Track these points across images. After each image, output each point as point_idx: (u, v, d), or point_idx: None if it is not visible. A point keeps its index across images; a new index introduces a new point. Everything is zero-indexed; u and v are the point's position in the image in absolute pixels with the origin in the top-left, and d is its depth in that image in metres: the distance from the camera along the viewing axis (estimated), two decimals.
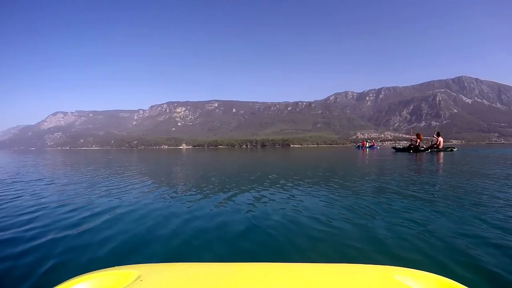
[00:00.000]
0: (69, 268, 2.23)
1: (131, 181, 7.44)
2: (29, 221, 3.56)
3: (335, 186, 6.00)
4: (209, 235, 2.95)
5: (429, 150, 24.57)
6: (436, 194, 5.02)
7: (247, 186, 6.24)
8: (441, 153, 21.35)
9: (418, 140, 26.14)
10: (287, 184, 6.38)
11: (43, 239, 2.85)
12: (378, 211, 3.78)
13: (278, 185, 6.23)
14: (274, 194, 5.17)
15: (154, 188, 6.11)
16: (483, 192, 5.04)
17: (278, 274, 1.02)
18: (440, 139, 25.07)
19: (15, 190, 6.08)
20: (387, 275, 1.01)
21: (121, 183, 6.96)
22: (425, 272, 1.03)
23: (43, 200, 4.97)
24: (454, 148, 25.22)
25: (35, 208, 4.27)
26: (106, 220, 3.53)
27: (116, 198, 5.00)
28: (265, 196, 4.99)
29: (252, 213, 3.78)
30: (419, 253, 2.37)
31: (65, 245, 2.68)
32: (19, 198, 5.18)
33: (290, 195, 5.11)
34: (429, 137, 32.75)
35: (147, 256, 2.45)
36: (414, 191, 5.22)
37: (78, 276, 0.99)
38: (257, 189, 5.81)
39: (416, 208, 3.93)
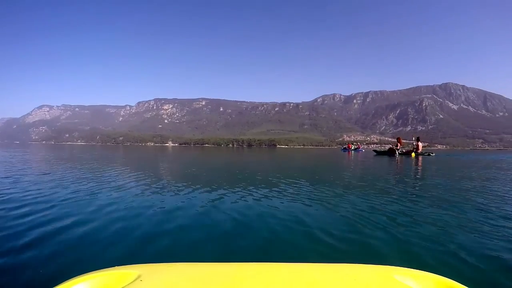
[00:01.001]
0: (68, 268, 2.14)
1: (124, 181, 7.15)
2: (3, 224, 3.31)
3: (325, 186, 6.18)
4: (207, 235, 2.89)
5: (411, 155, 25.00)
6: (424, 193, 5.18)
7: (240, 185, 6.27)
8: (420, 157, 22.84)
9: (399, 144, 27.00)
10: (280, 184, 6.46)
11: (28, 241, 2.70)
12: (371, 210, 3.80)
13: (271, 185, 6.34)
14: (270, 194, 5.21)
15: (147, 187, 6.05)
16: (457, 192, 5.44)
17: (278, 274, 1.02)
18: (420, 144, 25.95)
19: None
20: (387, 275, 1.01)
21: (112, 183, 6.77)
22: (425, 272, 1.03)
23: (26, 201, 4.65)
24: (432, 153, 27.03)
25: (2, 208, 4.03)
26: (100, 221, 3.43)
27: (107, 198, 4.84)
28: (262, 197, 4.99)
29: (249, 213, 3.77)
30: (419, 253, 2.34)
31: (61, 245, 2.58)
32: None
33: (285, 195, 5.15)
34: (409, 141, 34.12)
35: (146, 256, 2.40)
36: (402, 190, 5.43)
37: (78, 276, 0.99)
38: (251, 189, 5.81)
39: (411, 207, 4.00)
